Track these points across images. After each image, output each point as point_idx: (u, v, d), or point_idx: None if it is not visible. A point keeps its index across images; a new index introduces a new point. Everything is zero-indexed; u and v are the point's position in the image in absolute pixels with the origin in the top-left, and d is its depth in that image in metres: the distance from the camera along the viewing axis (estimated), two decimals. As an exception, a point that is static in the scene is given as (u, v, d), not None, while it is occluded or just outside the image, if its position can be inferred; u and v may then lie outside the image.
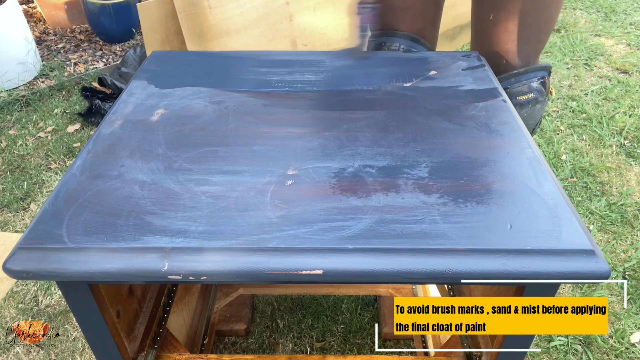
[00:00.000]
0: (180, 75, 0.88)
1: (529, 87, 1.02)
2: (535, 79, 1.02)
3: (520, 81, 1.02)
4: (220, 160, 0.66)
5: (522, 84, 1.02)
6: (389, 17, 1.09)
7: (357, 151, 0.68)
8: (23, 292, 1.42)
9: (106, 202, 0.59)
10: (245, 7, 1.97)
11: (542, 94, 1.04)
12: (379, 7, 0.90)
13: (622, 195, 1.73)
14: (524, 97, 1.02)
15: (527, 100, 1.03)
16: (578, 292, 1.40)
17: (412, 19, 1.08)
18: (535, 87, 1.03)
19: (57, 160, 1.98)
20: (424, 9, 1.09)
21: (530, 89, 1.02)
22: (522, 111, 1.04)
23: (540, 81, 1.03)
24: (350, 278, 0.52)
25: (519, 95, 1.02)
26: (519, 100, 1.02)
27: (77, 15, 3.05)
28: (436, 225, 0.55)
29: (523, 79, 1.02)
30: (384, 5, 1.09)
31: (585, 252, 0.52)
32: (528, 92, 1.02)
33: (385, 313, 1.31)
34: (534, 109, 1.04)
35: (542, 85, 1.04)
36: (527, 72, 1.02)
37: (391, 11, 1.08)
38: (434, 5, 1.11)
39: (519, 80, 1.02)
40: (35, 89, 2.45)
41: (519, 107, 1.04)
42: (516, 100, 1.02)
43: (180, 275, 0.51)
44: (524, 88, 1.02)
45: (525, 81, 1.02)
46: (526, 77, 1.02)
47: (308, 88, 0.84)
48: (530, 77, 1.02)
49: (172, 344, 0.80)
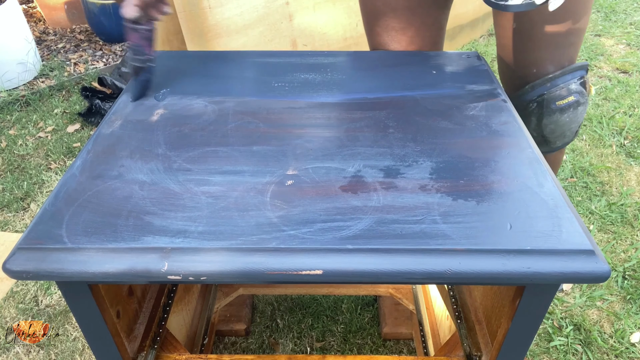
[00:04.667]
0: (180, 75, 0.88)
1: (568, 89, 0.94)
2: (574, 80, 0.95)
3: (557, 85, 0.94)
4: (220, 160, 0.66)
5: (559, 87, 0.94)
6: (383, 37, 1.03)
7: (357, 151, 0.68)
8: (23, 292, 1.42)
9: (106, 202, 0.59)
10: (245, 7, 1.97)
11: (582, 95, 0.96)
12: (150, 31, 0.80)
13: (622, 195, 1.73)
14: (564, 101, 0.94)
15: (568, 105, 0.95)
16: (578, 291, 1.40)
17: (409, 40, 1.02)
18: (574, 89, 0.95)
19: (57, 160, 1.98)
20: (421, 30, 1.01)
21: (569, 91, 0.94)
22: (562, 117, 0.96)
23: (580, 81, 0.95)
24: (350, 278, 0.52)
25: (557, 100, 0.95)
26: (558, 106, 0.95)
27: (77, 15, 3.05)
28: (436, 225, 0.55)
29: (560, 82, 0.94)
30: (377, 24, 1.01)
31: (585, 252, 0.52)
32: (567, 95, 0.94)
33: (385, 313, 1.31)
34: (575, 112, 0.97)
35: (582, 85, 0.96)
36: (564, 74, 0.94)
37: (385, 31, 1.02)
38: (434, 27, 1.03)
39: (555, 84, 0.94)
40: (35, 89, 2.45)
41: (560, 113, 0.96)
42: (555, 106, 0.95)
43: (180, 276, 0.51)
44: (562, 92, 0.94)
45: (562, 84, 0.94)
46: (563, 79, 0.94)
47: (308, 88, 0.84)
48: (567, 80, 0.94)
49: (172, 344, 0.80)
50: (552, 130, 1.00)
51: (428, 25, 1.02)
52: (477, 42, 2.90)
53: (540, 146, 1.05)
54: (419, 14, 1.00)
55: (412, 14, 0.99)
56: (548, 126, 0.99)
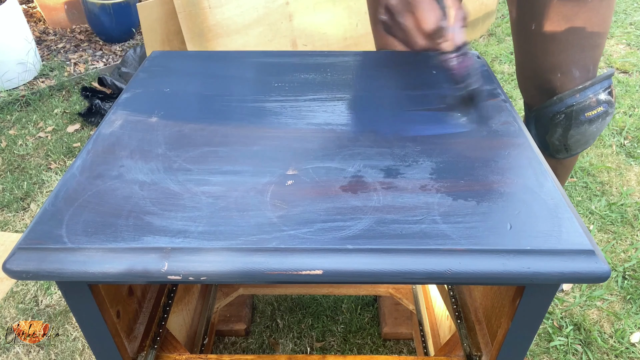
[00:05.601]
0: (180, 75, 0.88)
1: (597, 100, 0.92)
2: (602, 90, 0.92)
3: (587, 95, 0.92)
4: (220, 160, 0.66)
5: (589, 98, 0.92)
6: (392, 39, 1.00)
7: (357, 151, 0.68)
8: (23, 292, 1.42)
9: (106, 202, 0.59)
10: (245, 7, 1.97)
11: (611, 105, 0.94)
12: None
13: (622, 195, 1.73)
14: (593, 112, 0.92)
15: (597, 115, 0.93)
16: (578, 291, 1.40)
17: None
18: (604, 99, 0.93)
19: (57, 160, 1.98)
20: None
21: (598, 102, 0.92)
22: (590, 127, 0.94)
23: (608, 91, 0.93)
24: (350, 278, 0.52)
25: (587, 112, 0.92)
26: (587, 117, 0.92)
27: (77, 15, 3.05)
28: (436, 225, 0.55)
29: (590, 92, 0.92)
30: None
31: (585, 253, 0.52)
32: (597, 106, 0.92)
33: (385, 313, 1.31)
34: (603, 122, 0.95)
35: (609, 95, 0.94)
36: (593, 84, 0.92)
37: None
38: None
39: (585, 94, 0.92)
40: (35, 89, 2.45)
41: (588, 124, 0.94)
42: (585, 117, 0.92)
43: (180, 276, 0.51)
44: (592, 103, 0.92)
45: (592, 95, 0.92)
46: (592, 90, 0.92)
47: (308, 88, 0.84)
48: (597, 90, 0.92)
49: (172, 344, 0.80)
50: (578, 140, 0.98)
51: None
52: (477, 42, 2.90)
53: (558, 153, 1.03)
54: None
55: None
56: (574, 136, 0.97)
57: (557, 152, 1.03)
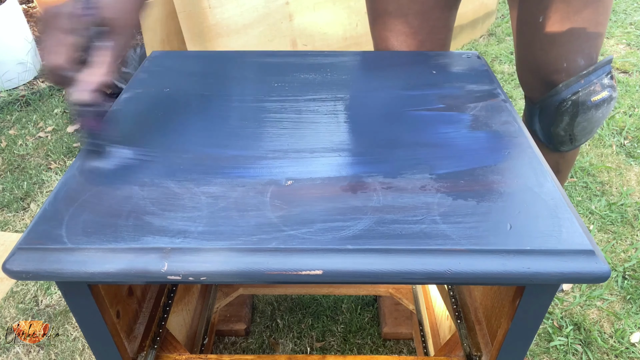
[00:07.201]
0: (180, 75, 0.88)
1: (601, 84, 0.95)
2: (604, 74, 0.95)
3: (591, 81, 0.94)
4: (220, 160, 0.66)
5: (593, 83, 0.94)
6: (391, 41, 1.03)
7: (357, 151, 0.68)
8: (23, 292, 1.42)
9: (106, 202, 0.59)
10: (245, 7, 1.97)
11: (614, 89, 0.97)
12: (104, 111, 0.67)
13: (622, 195, 1.73)
14: (598, 96, 0.95)
15: (602, 100, 0.95)
16: (578, 291, 1.40)
17: (419, 45, 1.02)
18: (607, 83, 0.95)
19: (57, 160, 1.98)
20: (432, 33, 1.02)
21: (603, 86, 0.95)
22: (597, 113, 0.96)
23: (609, 76, 0.96)
24: (350, 278, 0.52)
25: (593, 96, 0.95)
26: (593, 102, 0.94)
27: (77, 15, 3.04)
28: (436, 225, 0.55)
29: (593, 77, 0.94)
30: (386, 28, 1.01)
31: (585, 253, 0.52)
32: (601, 90, 0.95)
33: (385, 313, 1.31)
34: (609, 107, 0.97)
35: (611, 79, 0.97)
36: (596, 69, 0.94)
37: (395, 35, 1.02)
38: (445, 29, 1.03)
39: (589, 80, 0.94)
40: (35, 89, 2.45)
41: (595, 109, 0.96)
42: (591, 103, 0.94)
43: (180, 276, 0.51)
44: (596, 87, 0.94)
45: (595, 80, 0.94)
46: (596, 75, 0.94)
47: (308, 88, 0.84)
48: (600, 75, 0.94)
49: (172, 344, 0.80)
50: (584, 127, 0.99)
51: (439, 28, 1.02)
52: (477, 42, 2.90)
53: (562, 145, 1.04)
54: (431, 18, 0.99)
55: (425, 18, 0.99)
56: (581, 124, 0.99)
57: (561, 144, 1.04)
